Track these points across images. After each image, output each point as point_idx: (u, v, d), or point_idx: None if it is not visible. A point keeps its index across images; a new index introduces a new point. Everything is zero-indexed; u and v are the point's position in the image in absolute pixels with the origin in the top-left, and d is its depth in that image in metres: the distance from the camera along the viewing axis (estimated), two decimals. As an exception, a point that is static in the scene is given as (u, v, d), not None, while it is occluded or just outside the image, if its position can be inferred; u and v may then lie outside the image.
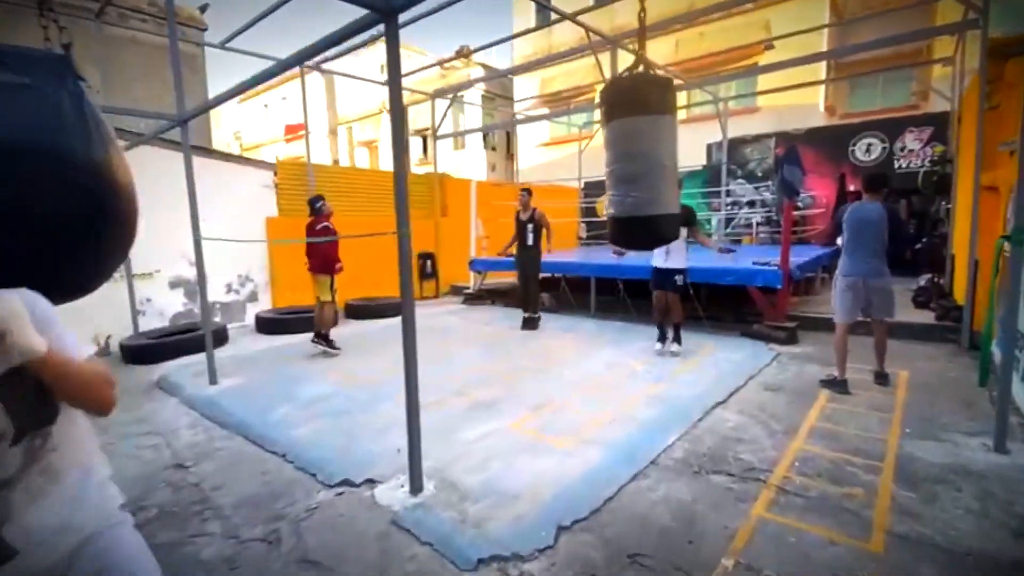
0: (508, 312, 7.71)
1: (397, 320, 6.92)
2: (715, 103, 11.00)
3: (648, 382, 4.28)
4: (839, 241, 9.71)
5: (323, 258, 5.48)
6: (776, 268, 5.58)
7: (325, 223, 5.59)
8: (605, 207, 2.64)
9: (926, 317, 5.74)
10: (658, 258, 4.93)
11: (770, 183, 10.35)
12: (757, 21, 12.85)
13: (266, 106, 32.30)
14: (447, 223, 10.00)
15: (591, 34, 6.63)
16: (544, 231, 6.51)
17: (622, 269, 6.70)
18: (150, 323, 6.43)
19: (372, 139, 24.51)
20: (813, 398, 3.84)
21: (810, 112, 12.41)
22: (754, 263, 6.01)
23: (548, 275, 8.33)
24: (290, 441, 3.31)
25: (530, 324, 6.57)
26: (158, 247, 6.46)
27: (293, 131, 30.44)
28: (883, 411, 3.55)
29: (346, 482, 2.77)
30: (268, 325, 6.84)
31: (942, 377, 4.25)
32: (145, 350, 5.56)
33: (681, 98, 14.44)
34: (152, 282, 6.48)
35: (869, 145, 9.70)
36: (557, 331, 6.43)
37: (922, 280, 7.62)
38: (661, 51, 12.98)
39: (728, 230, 11.35)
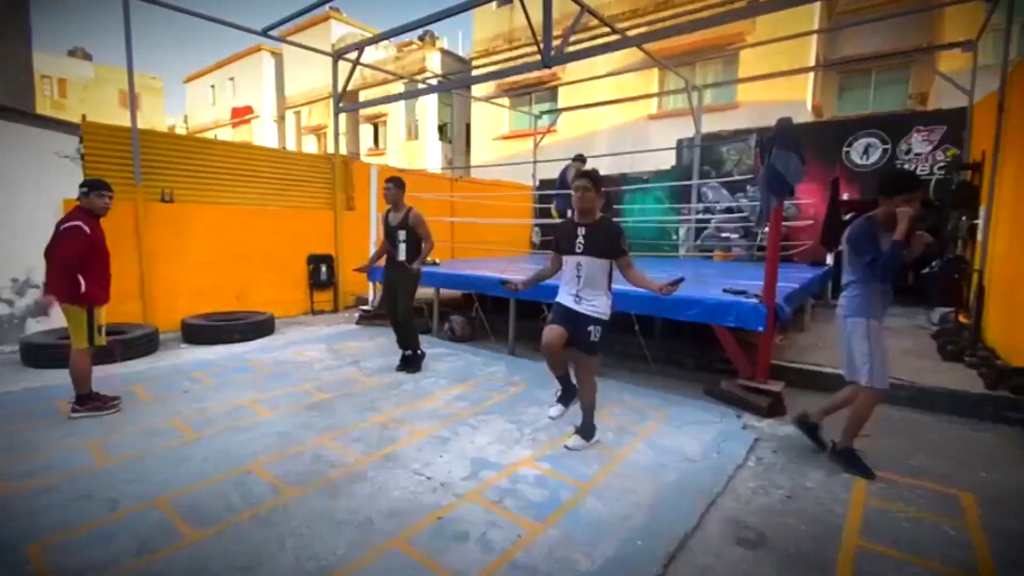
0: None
1: (253, 346, 4.80)
2: (688, 92, 9.25)
3: (527, 511, 2.37)
4: (829, 260, 7.97)
5: (67, 277, 3.38)
6: (756, 301, 3.75)
7: (77, 222, 3.41)
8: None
9: (964, 377, 3.98)
10: (565, 292, 3.04)
11: (751, 182, 8.62)
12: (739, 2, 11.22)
13: (213, 87, 29.70)
14: (353, 219, 7.97)
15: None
16: (423, 243, 4.51)
17: (547, 290, 4.80)
18: None
19: (321, 124, 22.26)
20: (831, 560, 1.98)
21: (796, 110, 10.78)
22: (725, 291, 4.18)
23: (462, 292, 6.40)
24: None
25: (410, 365, 4.61)
26: None
27: (240, 114, 27.98)
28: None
29: None
30: (38, 354, 4.69)
31: (1038, 512, 2.45)
32: None
33: (650, 85, 12.81)
34: None
35: (868, 146, 8.07)
36: (443, 377, 4.48)
37: (935, 315, 5.95)
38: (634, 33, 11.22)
39: (697, 242, 9.61)
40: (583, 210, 2.94)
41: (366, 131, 21.14)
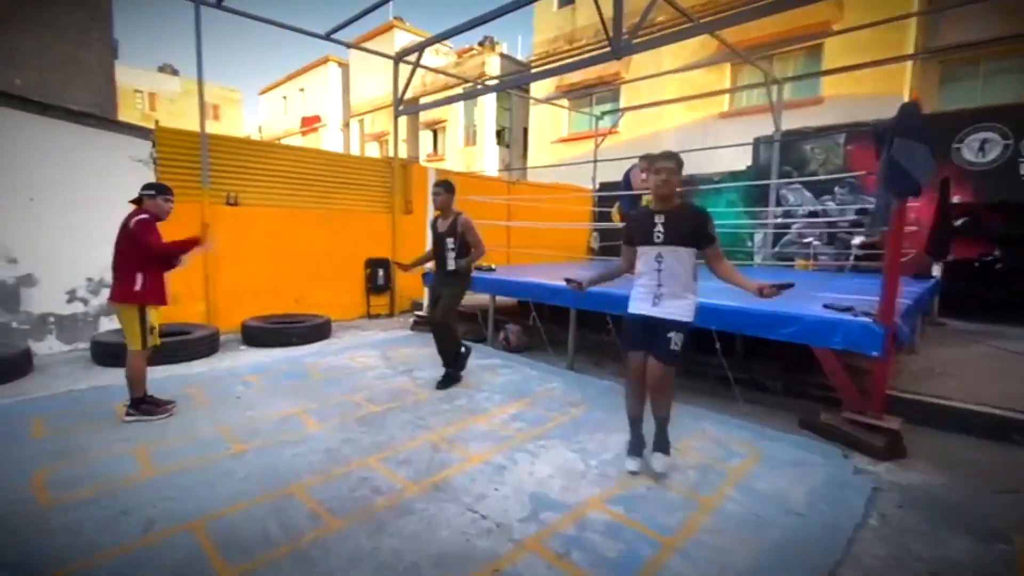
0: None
1: (309, 349, 4.68)
2: (767, 86, 8.50)
3: (599, 569, 1.98)
4: (936, 271, 7.02)
5: (126, 274, 3.35)
6: (870, 320, 3.17)
7: (144, 215, 3.37)
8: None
9: None
10: (641, 297, 2.63)
11: (839, 183, 7.77)
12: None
13: (285, 98, 31.26)
14: (409, 223, 7.86)
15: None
16: (472, 249, 4.18)
17: (612, 300, 4.38)
18: (-66, 340, 4.53)
19: (383, 131, 22.78)
20: None
21: (891, 104, 9.68)
22: (827, 307, 3.60)
23: (518, 300, 6.07)
24: None
25: (447, 382, 4.28)
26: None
27: (309, 123, 29.25)
28: None
29: None
30: (106, 352, 4.80)
31: None
32: None
33: (721, 82, 11.99)
34: (-60, 283, 4.58)
35: (984, 142, 7.04)
36: (498, 392, 4.15)
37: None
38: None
39: (775, 249, 8.80)
40: (664, 195, 2.55)
41: (426, 137, 21.41)
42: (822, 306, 3.63)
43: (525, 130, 18.61)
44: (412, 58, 7.43)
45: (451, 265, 4.15)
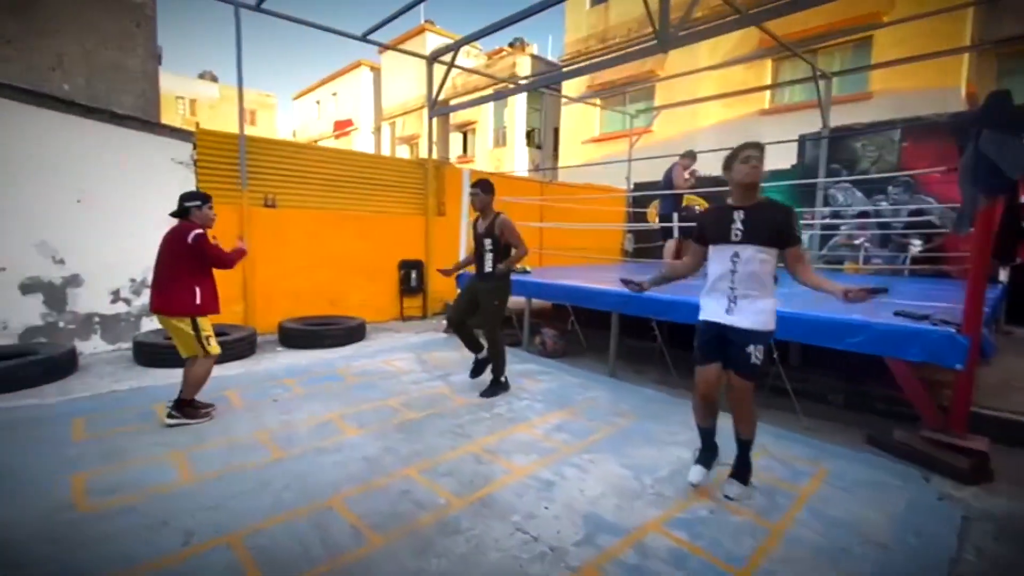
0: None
1: (344, 352, 4.61)
2: (815, 80, 8.11)
3: (670, 601, 1.80)
4: (1003, 276, 6.55)
5: (183, 287, 3.32)
6: (952, 330, 2.88)
7: (198, 230, 3.35)
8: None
9: None
10: (714, 302, 2.43)
11: (893, 182, 7.33)
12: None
13: (318, 102, 31.87)
14: (443, 224, 7.78)
15: None
16: (511, 250, 4.01)
17: (657, 304, 4.18)
18: (-15, 339, 4.65)
19: (414, 134, 22.94)
20: None
21: (946, 98, 9.18)
22: (898, 314, 3.32)
23: (551, 303, 5.90)
24: None
25: (493, 390, 4.12)
26: (3, 235, 4.69)
27: (341, 127, 29.72)
28: None
29: None
30: (146, 352, 4.85)
31: None
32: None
33: (761, 78, 11.53)
34: (-7, 283, 4.69)
35: (1058, 136, 6.51)
36: (539, 400, 3.99)
37: None
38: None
39: (822, 251, 8.38)
40: (748, 185, 2.33)
41: (455, 139, 21.45)
42: (893, 314, 3.35)
43: (555, 131, 18.43)
44: (447, 58, 7.35)
45: (488, 267, 4.02)
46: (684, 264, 2.67)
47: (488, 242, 3.99)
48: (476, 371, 4.30)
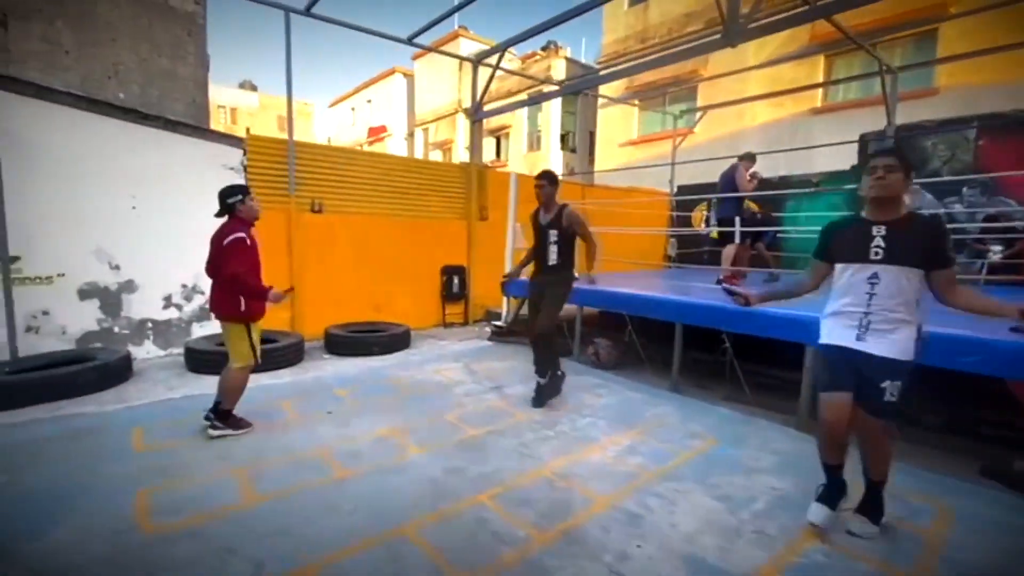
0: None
1: (391, 360, 4.42)
2: (882, 75, 7.64)
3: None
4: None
5: (236, 292, 3.20)
6: (1094, 350, 2.52)
7: (240, 234, 3.20)
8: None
9: None
10: (841, 327, 2.16)
11: (969, 184, 6.82)
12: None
13: (353, 109, 32.36)
14: (485, 229, 7.63)
15: None
16: (582, 243, 3.89)
17: (730, 315, 3.90)
18: (45, 344, 4.69)
19: (447, 139, 23.00)
20: None
21: (1021, 92, 8.55)
22: (1014, 330, 2.96)
23: (604, 311, 5.64)
24: None
25: (540, 395, 3.93)
26: (64, 241, 4.74)
27: (375, 133, 30.07)
28: None
29: None
30: (197, 359, 4.81)
31: None
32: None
33: (813, 74, 10.97)
34: (52, 289, 4.73)
35: None
36: (602, 417, 3.75)
37: None
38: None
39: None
40: (886, 198, 2.06)
41: (488, 144, 21.38)
42: (1009, 330, 2.99)
43: (591, 134, 18.16)
44: (492, 60, 7.23)
45: (553, 259, 3.83)
46: (802, 281, 2.40)
47: (554, 233, 3.83)
48: (539, 399, 3.96)
